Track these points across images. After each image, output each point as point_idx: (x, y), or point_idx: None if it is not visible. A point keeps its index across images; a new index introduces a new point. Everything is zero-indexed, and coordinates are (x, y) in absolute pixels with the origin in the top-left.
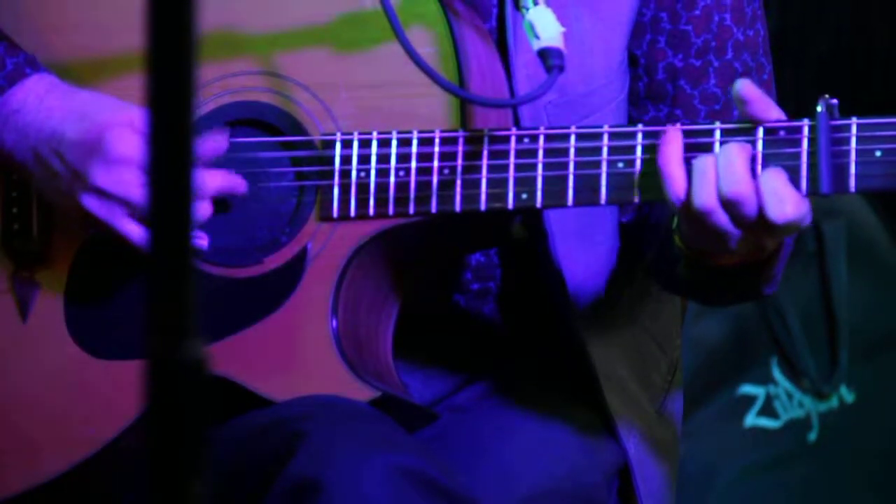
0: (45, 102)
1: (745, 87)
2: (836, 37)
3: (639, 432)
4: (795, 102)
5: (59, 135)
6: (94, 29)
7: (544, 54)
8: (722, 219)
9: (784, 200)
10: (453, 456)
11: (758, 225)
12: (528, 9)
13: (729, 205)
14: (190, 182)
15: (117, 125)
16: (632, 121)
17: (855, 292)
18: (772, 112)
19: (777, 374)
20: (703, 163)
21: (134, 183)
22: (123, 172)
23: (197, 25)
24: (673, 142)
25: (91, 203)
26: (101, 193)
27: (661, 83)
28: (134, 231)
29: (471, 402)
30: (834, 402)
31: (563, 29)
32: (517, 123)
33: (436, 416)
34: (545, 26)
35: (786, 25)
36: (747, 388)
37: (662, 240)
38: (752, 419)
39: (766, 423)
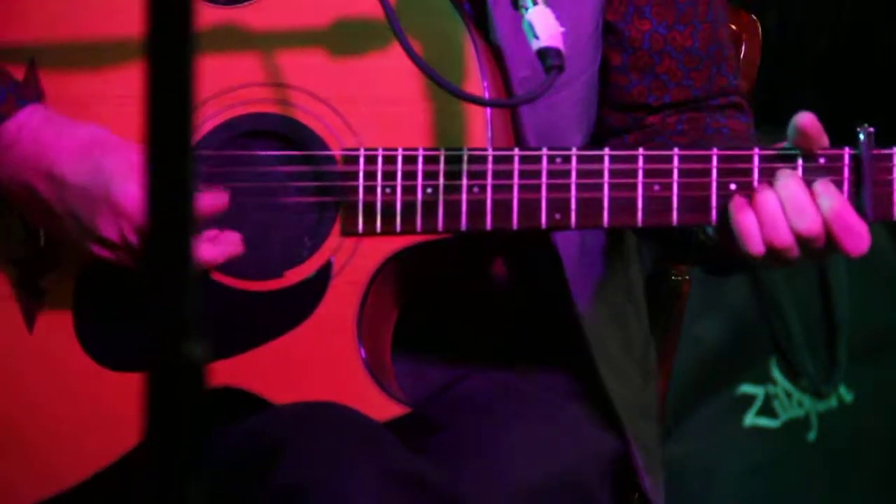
0: (40, 138)
1: (805, 119)
2: (836, 36)
3: (629, 403)
4: (795, 102)
5: (59, 175)
6: (96, 25)
7: (543, 54)
8: (794, 253)
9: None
10: (445, 452)
11: (827, 251)
12: (527, 8)
13: (803, 241)
14: (190, 185)
15: (122, 175)
16: (617, 90)
17: (854, 292)
18: (822, 143)
19: (776, 373)
20: (770, 206)
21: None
22: (132, 225)
23: (196, 24)
24: (743, 209)
25: (101, 251)
26: (112, 245)
27: (647, 53)
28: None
29: (464, 399)
30: (833, 402)
31: (562, 29)
32: (514, 120)
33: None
34: (544, 26)
35: (786, 25)
36: (746, 388)
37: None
38: (751, 419)
39: (765, 422)
